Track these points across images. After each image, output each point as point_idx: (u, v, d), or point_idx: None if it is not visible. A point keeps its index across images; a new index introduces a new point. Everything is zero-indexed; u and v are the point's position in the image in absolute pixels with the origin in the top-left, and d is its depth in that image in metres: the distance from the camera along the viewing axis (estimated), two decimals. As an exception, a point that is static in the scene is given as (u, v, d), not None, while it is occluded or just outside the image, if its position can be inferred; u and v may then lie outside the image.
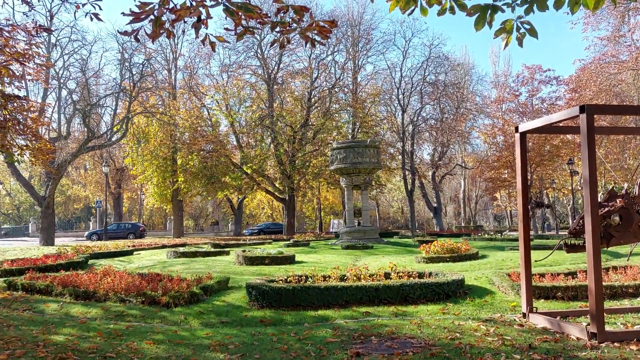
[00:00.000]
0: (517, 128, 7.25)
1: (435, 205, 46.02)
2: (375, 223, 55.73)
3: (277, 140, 34.92)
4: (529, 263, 7.05)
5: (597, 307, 5.59)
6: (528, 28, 4.40)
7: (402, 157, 41.44)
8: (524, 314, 6.91)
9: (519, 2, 4.35)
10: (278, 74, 37.20)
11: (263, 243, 23.30)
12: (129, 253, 18.87)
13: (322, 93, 37.49)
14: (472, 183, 58.50)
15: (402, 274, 9.42)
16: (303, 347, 5.61)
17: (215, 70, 45.16)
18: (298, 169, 34.51)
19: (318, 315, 7.67)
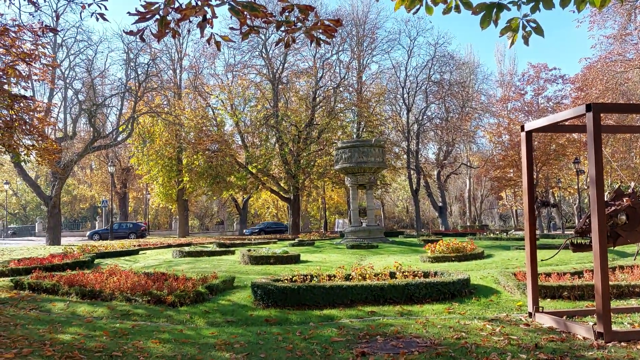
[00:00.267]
0: (523, 127, 7.21)
1: (441, 205, 45.93)
2: (380, 222, 55.71)
3: (282, 140, 34.93)
4: (535, 262, 7.02)
5: (603, 306, 5.55)
6: (534, 26, 4.38)
7: (407, 156, 41.39)
8: (530, 314, 6.88)
9: (525, 0, 4.33)
10: (283, 74, 37.22)
11: (268, 242, 23.32)
12: (135, 252, 18.94)
13: (326, 92, 37.48)
14: (477, 182, 58.33)
15: (407, 274, 9.39)
16: (308, 346, 5.61)
17: (220, 70, 45.34)
18: (303, 169, 34.51)
19: (323, 315, 7.66)
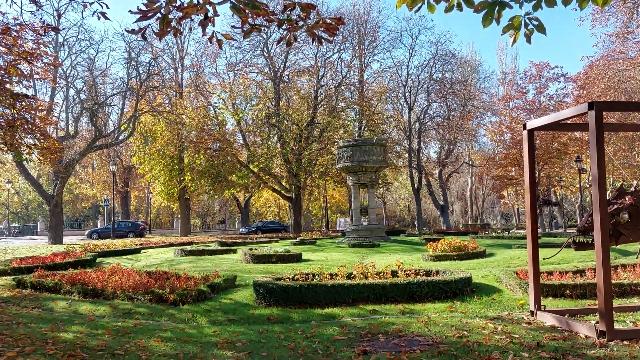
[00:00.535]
0: (525, 125, 7.20)
1: (442, 204, 45.90)
2: (382, 221, 55.67)
3: (283, 139, 34.93)
4: (537, 261, 7.01)
5: (606, 305, 5.54)
6: (536, 24, 4.37)
7: (408, 155, 41.37)
8: (532, 312, 6.87)
9: (527, -2, 4.32)
10: (284, 72, 37.23)
11: (270, 241, 23.34)
12: (137, 251, 18.95)
13: (328, 91, 37.47)
14: (479, 181, 58.30)
15: (409, 272, 9.38)
16: (310, 344, 5.61)
17: (222, 69, 45.21)
18: (304, 168, 34.51)
19: (325, 313, 7.66)
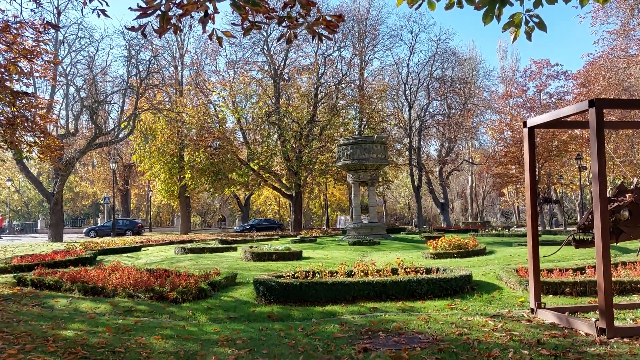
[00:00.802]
0: (525, 123, 7.19)
1: (443, 201, 45.90)
2: (382, 219, 55.70)
3: (283, 137, 34.90)
4: (537, 258, 7.01)
5: (606, 302, 5.54)
6: (537, 21, 4.35)
7: (409, 153, 41.34)
8: (532, 310, 6.87)
9: (528, -5, 4.31)
10: (284, 70, 37.18)
11: (270, 239, 23.36)
12: (137, 249, 18.96)
13: (328, 89, 37.43)
14: (479, 179, 58.28)
15: (409, 270, 9.39)
16: (311, 342, 5.61)
17: (222, 67, 45.23)
18: (305, 165, 34.49)
19: (325, 311, 7.67)
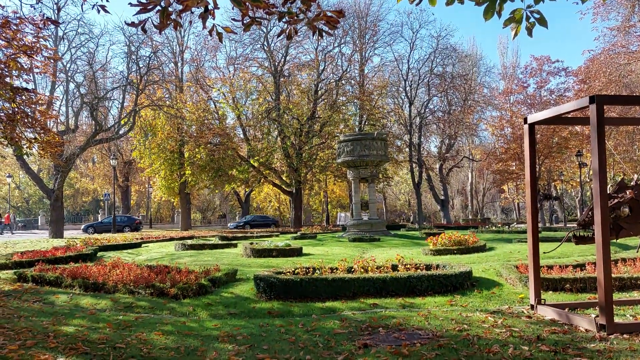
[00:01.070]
0: (525, 119, 7.18)
1: (443, 198, 45.91)
2: (382, 216, 55.71)
3: (283, 133, 34.87)
4: (537, 255, 7.01)
5: (606, 298, 5.55)
6: (538, 17, 4.34)
7: (409, 149, 41.31)
8: (532, 306, 6.88)
9: (529, -9, 4.30)
10: (284, 67, 37.12)
11: (270, 236, 23.38)
12: (138, 245, 18.98)
13: (328, 85, 37.38)
14: (479, 175, 58.26)
15: (409, 266, 9.40)
16: (311, 338, 5.63)
17: (222, 63, 45.15)
18: (305, 162, 34.49)
19: (326, 307, 7.68)
